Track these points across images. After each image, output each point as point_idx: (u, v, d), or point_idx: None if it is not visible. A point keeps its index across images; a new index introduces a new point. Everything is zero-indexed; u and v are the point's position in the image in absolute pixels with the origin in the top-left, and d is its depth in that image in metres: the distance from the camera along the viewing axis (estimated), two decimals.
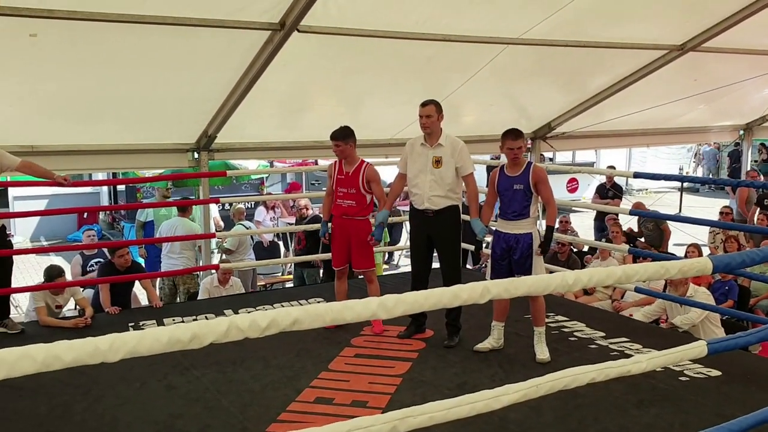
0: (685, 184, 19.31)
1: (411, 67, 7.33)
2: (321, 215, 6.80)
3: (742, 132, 12.07)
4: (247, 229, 9.16)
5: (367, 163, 5.71)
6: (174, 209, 8.50)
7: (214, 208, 9.34)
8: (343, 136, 5.66)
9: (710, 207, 15.03)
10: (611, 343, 5.37)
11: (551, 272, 8.44)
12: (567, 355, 5.11)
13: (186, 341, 1.54)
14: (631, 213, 6.29)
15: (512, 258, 5.10)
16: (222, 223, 9.56)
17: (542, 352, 5.03)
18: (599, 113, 9.48)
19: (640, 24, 7.51)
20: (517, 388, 2.22)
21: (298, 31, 5.95)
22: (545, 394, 2.28)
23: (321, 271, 8.65)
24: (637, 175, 5.93)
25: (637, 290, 6.40)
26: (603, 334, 5.62)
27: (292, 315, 1.65)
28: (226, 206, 10.76)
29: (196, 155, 7.61)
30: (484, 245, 5.75)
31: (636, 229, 9.82)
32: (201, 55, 6.17)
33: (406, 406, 4.08)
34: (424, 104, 5.30)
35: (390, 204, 5.69)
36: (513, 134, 5.02)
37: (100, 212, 14.85)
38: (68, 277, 6.68)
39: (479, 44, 7.07)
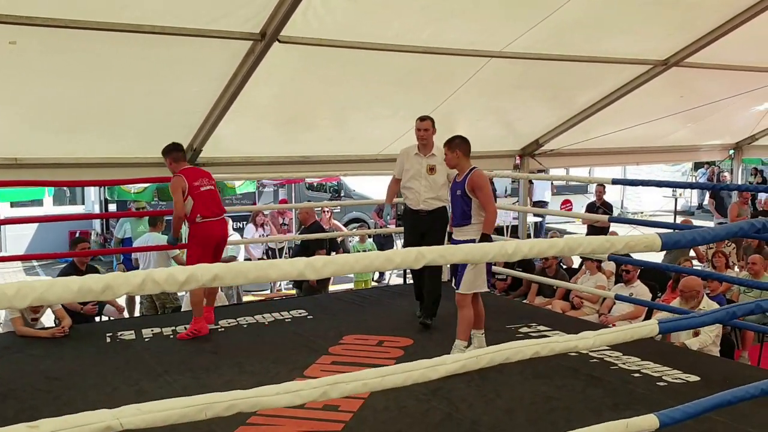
0: (679, 207, 19.37)
1: (394, 80, 7.34)
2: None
3: (732, 151, 12.07)
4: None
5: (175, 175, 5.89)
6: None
7: None
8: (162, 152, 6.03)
9: None
10: (591, 351, 5.30)
11: (539, 287, 8.46)
12: (545, 363, 5.04)
13: (98, 291, 1.50)
14: (611, 220, 6.27)
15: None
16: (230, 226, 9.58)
17: None
18: (587, 130, 9.50)
19: (622, 38, 7.55)
20: (455, 359, 2.17)
21: (279, 41, 5.97)
22: (486, 366, 2.23)
23: None
24: (615, 182, 5.95)
25: (618, 297, 6.35)
26: None
27: (213, 270, 1.62)
28: None
29: None
30: None
31: None
32: (184, 66, 6.19)
33: (379, 411, 4.10)
34: (423, 119, 6.01)
35: (390, 200, 6.48)
36: (447, 142, 5.19)
37: (92, 233, 14.86)
38: None
39: (462, 57, 7.10)
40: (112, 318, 7.34)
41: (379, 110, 7.93)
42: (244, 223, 12.60)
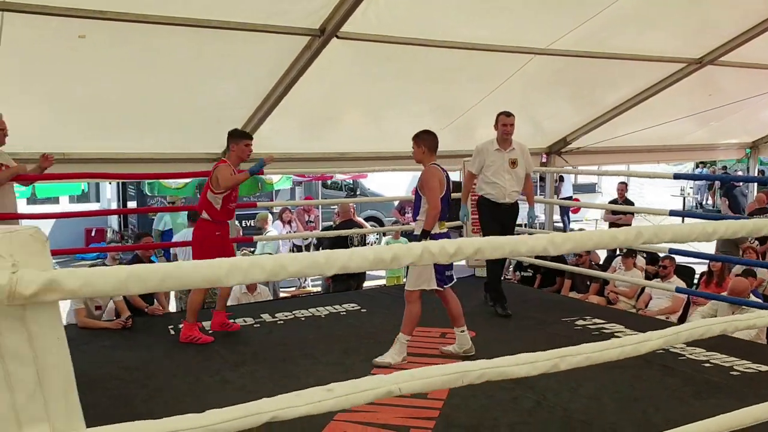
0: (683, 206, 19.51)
1: (436, 76, 7.37)
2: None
3: (748, 150, 12.21)
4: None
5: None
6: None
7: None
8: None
9: None
10: None
11: (572, 283, 8.54)
12: None
13: (387, 261, 1.58)
14: (672, 213, 6.35)
15: None
16: (270, 221, 9.62)
17: (383, 357, 4.84)
18: (614, 128, 9.59)
19: (659, 35, 7.62)
20: (659, 335, 2.26)
21: (338, 37, 6.02)
22: (684, 342, 2.31)
23: None
24: (677, 176, 6.02)
25: (679, 290, 6.46)
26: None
27: (475, 245, 1.69)
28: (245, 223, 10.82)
29: None
30: None
31: None
32: (240, 61, 6.23)
33: (468, 398, 4.15)
34: (509, 114, 6.21)
35: (466, 199, 6.64)
36: (414, 136, 5.03)
37: (108, 232, 14.83)
38: None
39: (506, 53, 7.17)
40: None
41: (417, 107, 7.98)
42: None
